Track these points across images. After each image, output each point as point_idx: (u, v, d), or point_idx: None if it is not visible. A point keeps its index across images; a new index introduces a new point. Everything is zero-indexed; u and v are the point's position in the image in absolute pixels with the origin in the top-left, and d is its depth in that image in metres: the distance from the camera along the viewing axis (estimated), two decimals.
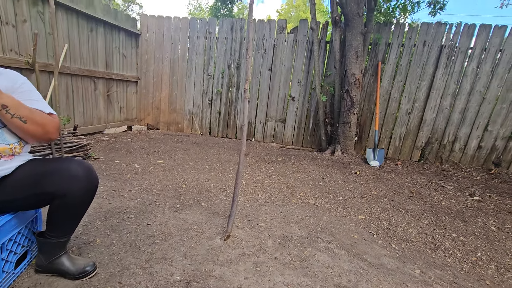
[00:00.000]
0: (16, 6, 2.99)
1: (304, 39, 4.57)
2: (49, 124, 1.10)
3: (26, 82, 1.16)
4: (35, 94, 1.16)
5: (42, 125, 1.08)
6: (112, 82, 4.71)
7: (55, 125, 1.13)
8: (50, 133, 1.11)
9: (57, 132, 1.15)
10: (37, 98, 1.16)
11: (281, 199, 2.52)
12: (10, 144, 1.08)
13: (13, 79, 1.11)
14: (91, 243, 1.52)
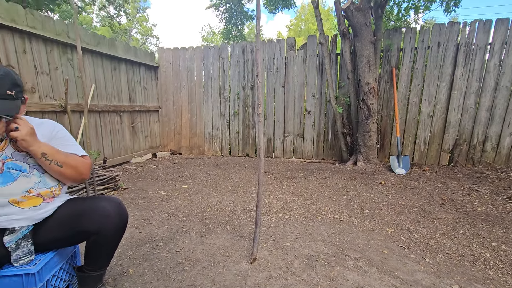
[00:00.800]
0: (49, 56, 3.33)
1: (314, 54, 4.65)
2: (82, 166, 1.22)
3: (61, 129, 1.30)
4: (69, 139, 1.30)
5: (76, 167, 1.20)
6: (136, 113, 5.01)
7: (87, 166, 1.25)
8: (83, 174, 1.23)
9: (89, 172, 1.26)
10: (71, 142, 1.29)
11: (305, 216, 2.50)
12: (51, 188, 1.20)
13: (51, 128, 1.26)
14: (125, 273, 1.60)
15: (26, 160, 1.13)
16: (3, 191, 1.07)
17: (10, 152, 1.11)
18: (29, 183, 1.13)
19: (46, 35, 3.20)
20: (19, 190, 1.10)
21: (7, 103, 1.02)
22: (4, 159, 1.09)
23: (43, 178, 1.17)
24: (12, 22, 2.84)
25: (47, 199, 1.18)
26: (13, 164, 1.10)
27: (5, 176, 1.08)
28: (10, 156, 1.10)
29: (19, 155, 1.12)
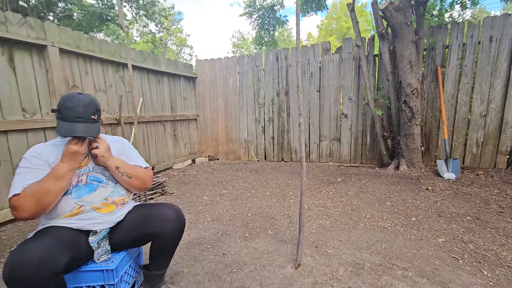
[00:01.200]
0: (105, 75, 3.72)
1: (350, 56, 4.58)
2: (146, 177, 1.43)
3: (128, 144, 1.51)
4: (134, 153, 1.51)
5: (142, 179, 1.40)
6: (177, 122, 5.33)
7: (150, 177, 1.45)
8: (147, 184, 1.43)
9: (151, 181, 1.44)
10: (136, 156, 1.50)
11: (346, 223, 2.48)
12: (122, 196, 1.39)
13: (121, 143, 1.47)
14: (180, 273, 1.75)
15: (103, 173, 1.34)
16: (88, 199, 1.26)
17: (92, 166, 1.32)
18: (106, 192, 1.32)
19: (103, 57, 3.58)
20: (99, 198, 1.29)
21: (92, 126, 1.22)
22: (88, 172, 1.30)
23: (116, 188, 1.36)
24: (77, 48, 3.24)
25: (119, 205, 1.36)
26: (94, 176, 1.31)
27: (88, 186, 1.28)
28: (92, 170, 1.31)
29: (98, 169, 1.33)
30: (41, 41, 2.85)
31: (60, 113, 1.19)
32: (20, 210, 1.08)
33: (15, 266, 0.94)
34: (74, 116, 1.17)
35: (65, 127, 1.17)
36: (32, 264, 0.95)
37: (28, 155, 1.21)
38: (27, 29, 2.76)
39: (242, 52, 27.08)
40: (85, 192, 1.26)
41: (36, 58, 2.87)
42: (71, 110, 1.17)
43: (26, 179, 1.13)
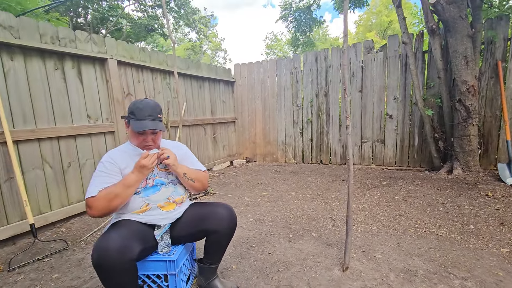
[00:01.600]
0: (154, 82, 4.02)
1: (395, 54, 4.37)
2: (205, 180, 1.59)
3: (186, 149, 1.68)
4: (193, 157, 1.67)
5: (202, 181, 1.56)
6: (216, 125, 5.55)
7: (207, 179, 1.60)
8: (205, 185, 1.59)
9: (208, 183, 1.57)
10: (195, 160, 1.66)
11: (395, 228, 2.38)
12: (181, 196, 1.54)
13: (182, 149, 1.64)
14: (229, 268, 1.84)
15: (166, 177, 1.51)
16: (154, 198, 1.43)
17: (157, 172, 1.49)
18: (168, 192, 1.48)
19: (152, 66, 3.89)
20: (163, 197, 1.45)
21: (159, 123, 1.43)
22: (154, 177, 1.47)
23: (176, 189, 1.52)
24: (131, 59, 3.57)
25: (178, 204, 1.51)
26: (159, 180, 1.48)
27: (154, 188, 1.45)
28: (157, 174, 1.49)
29: (161, 174, 1.50)
30: (102, 54, 3.19)
31: (133, 114, 1.39)
32: (93, 209, 1.25)
33: (101, 253, 1.10)
34: (145, 115, 1.37)
35: (139, 124, 1.36)
36: (114, 251, 1.10)
37: (104, 160, 1.40)
38: (91, 44, 3.11)
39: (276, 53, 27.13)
40: (151, 192, 1.43)
41: (98, 70, 3.22)
42: (142, 110, 1.38)
43: (101, 183, 1.31)
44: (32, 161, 2.60)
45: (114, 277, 1.13)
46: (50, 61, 2.75)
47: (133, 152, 1.45)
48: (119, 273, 1.12)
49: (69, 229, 2.73)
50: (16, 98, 2.49)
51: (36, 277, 1.89)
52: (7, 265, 2.06)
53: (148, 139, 1.41)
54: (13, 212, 2.46)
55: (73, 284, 1.77)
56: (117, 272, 1.12)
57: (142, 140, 1.41)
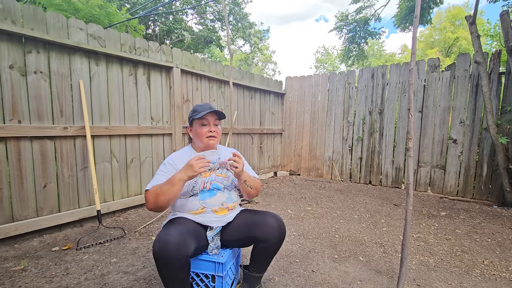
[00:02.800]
0: (210, 91, 4.27)
1: (465, 74, 4.00)
2: (260, 187, 1.63)
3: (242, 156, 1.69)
4: (248, 165, 1.71)
5: (257, 189, 1.61)
6: (264, 136, 5.63)
7: (260, 186, 1.61)
8: (258, 192, 1.62)
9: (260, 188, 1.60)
10: (250, 168, 1.72)
11: (456, 265, 2.12)
12: (234, 202, 1.60)
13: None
14: (271, 280, 1.82)
15: (222, 182, 1.57)
16: (209, 202, 1.51)
17: (214, 177, 1.56)
18: (222, 198, 1.55)
19: (210, 75, 4.14)
20: (218, 202, 1.53)
21: (220, 112, 1.56)
22: (211, 181, 1.54)
23: (230, 195, 1.59)
24: (192, 68, 3.85)
25: (230, 209, 1.57)
26: (215, 184, 1.55)
27: (210, 192, 1.53)
28: (214, 179, 1.56)
29: (218, 179, 1.57)
30: (169, 63, 3.51)
31: (195, 111, 1.55)
32: (147, 203, 1.38)
33: (162, 245, 1.18)
34: (205, 108, 1.54)
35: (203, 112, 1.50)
36: (173, 246, 1.18)
37: (167, 161, 1.54)
38: (161, 54, 3.45)
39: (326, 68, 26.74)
40: (207, 196, 1.51)
41: (164, 77, 3.54)
42: (202, 106, 1.56)
43: (158, 180, 1.43)
44: (103, 155, 2.93)
45: (170, 269, 1.20)
46: (126, 67, 3.11)
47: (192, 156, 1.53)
48: (175, 266, 1.20)
49: (126, 219, 3.00)
50: (97, 98, 2.86)
51: (98, 259, 2.10)
52: (75, 244, 2.33)
53: (212, 128, 1.53)
54: (84, 198, 2.79)
55: (128, 270, 1.93)
56: (174, 265, 1.19)
57: (206, 131, 1.52)
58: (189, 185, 1.47)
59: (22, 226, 2.33)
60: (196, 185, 1.49)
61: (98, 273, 1.88)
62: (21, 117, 2.33)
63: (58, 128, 2.53)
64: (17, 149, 2.32)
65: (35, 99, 2.41)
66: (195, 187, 1.48)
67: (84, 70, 2.74)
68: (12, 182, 2.31)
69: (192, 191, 1.48)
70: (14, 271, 1.88)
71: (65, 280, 1.79)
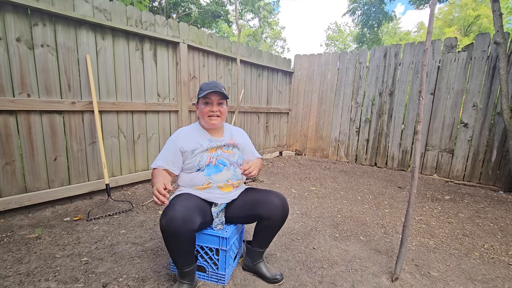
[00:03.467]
0: (217, 68, 4.20)
1: (482, 55, 3.81)
2: (262, 167, 1.67)
3: (247, 137, 1.82)
4: (251, 145, 1.79)
5: (261, 169, 1.65)
6: (270, 115, 5.59)
7: (263, 165, 1.63)
8: (261, 171, 1.60)
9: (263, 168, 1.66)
10: (252, 148, 1.79)
11: (456, 248, 2.16)
12: (239, 180, 1.63)
13: (244, 136, 1.79)
14: (273, 255, 1.89)
15: (228, 158, 1.60)
16: (215, 178, 1.53)
17: (220, 152, 1.60)
18: (228, 174, 1.57)
19: (217, 52, 4.05)
20: (223, 179, 1.55)
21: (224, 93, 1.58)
22: (217, 156, 1.57)
23: (235, 172, 1.61)
24: (199, 44, 3.77)
25: (235, 187, 1.60)
26: (221, 160, 1.58)
27: (216, 167, 1.55)
28: (220, 155, 1.59)
29: (224, 155, 1.60)
30: (176, 38, 3.43)
31: (200, 90, 1.59)
32: None
33: (169, 220, 1.23)
34: (211, 86, 1.56)
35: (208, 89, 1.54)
36: (179, 220, 1.22)
37: (171, 137, 1.61)
38: (167, 29, 3.37)
39: (337, 45, 25.79)
40: (213, 172, 1.53)
41: (171, 52, 3.48)
42: (208, 84, 1.58)
43: (165, 157, 1.54)
44: (111, 130, 2.97)
45: (176, 242, 1.26)
46: (133, 42, 3.06)
47: (200, 133, 1.63)
48: (181, 240, 1.25)
49: (133, 193, 3.09)
50: (104, 73, 2.84)
51: (107, 230, 2.20)
52: (86, 215, 2.43)
53: (215, 108, 1.56)
54: (93, 172, 2.86)
55: (136, 241, 2.02)
56: (180, 238, 1.24)
57: (209, 110, 1.56)
58: (195, 161, 1.51)
59: (35, 196, 2.43)
60: (202, 160, 1.52)
61: (108, 243, 1.98)
62: (30, 91, 2.35)
63: (66, 103, 2.55)
64: (27, 123, 2.36)
65: (43, 73, 2.41)
66: (201, 161, 1.52)
67: (90, 44, 2.71)
68: (23, 154, 2.38)
69: (198, 165, 1.52)
70: (29, 238, 1.99)
71: (77, 248, 1.89)
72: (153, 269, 1.66)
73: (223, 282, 1.52)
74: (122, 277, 1.57)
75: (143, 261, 1.75)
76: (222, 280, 1.52)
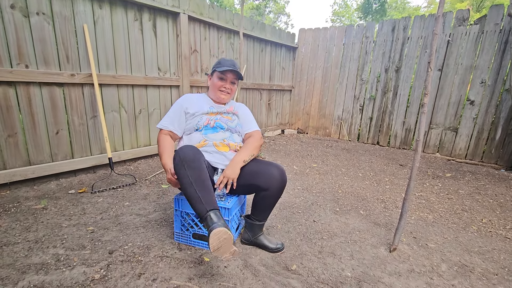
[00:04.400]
0: (219, 41, 4.07)
1: (495, 29, 3.66)
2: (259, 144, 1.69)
3: (248, 110, 1.85)
4: (250, 116, 1.81)
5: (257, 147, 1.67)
6: (272, 92, 5.50)
7: (260, 140, 1.72)
8: (260, 145, 1.71)
9: (262, 141, 1.73)
10: (251, 119, 1.81)
11: (454, 222, 2.19)
12: (235, 142, 1.69)
13: (244, 108, 1.86)
14: (274, 227, 1.93)
15: (226, 123, 1.68)
16: (211, 136, 1.62)
17: (219, 117, 1.67)
18: (224, 135, 1.65)
19: (219, 24, 3.90)
20: (218, 138, 1.63)
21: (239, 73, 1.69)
22: (216, 119, 1.66)
23: (232, 136, 1.69)
24: (200, 15, 3.62)
25: (232, 149, 1.64)
26: (219, 123, 1.66)
27: (213, 129, 1.65)
28: (219, 119, 1.67)
29: (223, 119, 1.68)
30: (175, 8, 3.29)
31: (219, 64, 1.70)
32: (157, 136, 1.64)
33: (182, 153, 1.35)
34: (229, 64, 1.68)
35: (224, 67, 1.64)
36: (191, 153, 1.37)
37: (179, 100, 1.72)
38: None
39: (343, 21, 24.84)
40: (210, 132, 1.65)
41: (171, 24, 3.36)
42: (229, 61, 1.70)
43: (171, 117, 1.67)
44: (111, 104, 2.94)
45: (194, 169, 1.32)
46: (131, 11, 2.94)
47: (205, 100, 1.76)
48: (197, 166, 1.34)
49: (136, 168, 3.12)
50: (102, 44, 2.76)
51: (112, 202, 2.24)
52: (90, 188, 2.47)
53: (228, 85, 1.69)
54: (95, 146, 2.87)
55: (140, 213, 2.06)
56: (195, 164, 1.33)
57: (221, 85, 1.68)
58: (194, 121, 1.64)
59: (39, 169, 2.46)
60: (201, 121, 1.64)
61: (113, 214, 2.02)
62: (28, 62, 2.30)
63: (66, 75, 2.50)
64: (27, 95, 2.33)
65: (40, 43, 2.34)
66: (200, 122, 1.64)
67: (87, 13, 2.61)
68: (25, 127, 2.37)
69: (197, 125, 1.63)
70: (35, 209, 2.03)
71: (82, 218, 1.93)
72: (157, 238, 1.71)
73: None
74: (127, 245, 1.62)
75: (148, 231, 1.79)
76: None
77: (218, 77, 1.68)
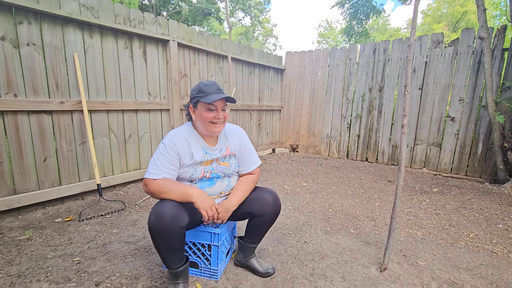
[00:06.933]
0: (208, 66, 4.19)
1: (468, 50, 3.91)
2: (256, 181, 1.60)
3: (246, 136, 1.67)
4: (251, 147, 1.67)
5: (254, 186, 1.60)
6: (262, 112, 5.61)
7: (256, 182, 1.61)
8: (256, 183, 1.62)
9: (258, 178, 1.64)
10: (252, 149, 1.66)
11: (443, 238, 2.22)
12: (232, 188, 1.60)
13: (240, 136, 1.64)
14: (265, 250, 1.92)
15: (223, 171, 1.55)
16: (208, 191, 1.49)
17: (215, 165, 1.52)
18: (222, 186, 1.55)
19: (208, 49, 4.04)
20: (216, 191, 1.54)
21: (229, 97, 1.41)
22: (212, 170, 1.51)
23: (229, 182, 1.58)
24: (190, 41, 3.75)
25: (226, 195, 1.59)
26: (216, 174, 1.52)
27: (210, 181, 1.51)
28: (215, 168, 1.52)
29: (219, 168, 1.53)
30: (165, 36, 3.41)
31: (201, 92, 1.38)
32: (148, 188, 1.34)
33: (158, 216, 1.23)
34: (213, 89, 1.39)
35: (211, 97, 1.35)
36: (168, 217, 1.23)
37: (167, 143, 1.40)
38: (156, 26, 3.34)
39: (329, 42, 25.92)
40: (206, 185, 1.50)
41: (161, 51, 3.46)
42: (211, 86, 1.40)
43: (161, 166, 1.36)
44: (101, 129, 2.95)
45: (165, 238, 1.25)
46: (121, 40, 3.03)
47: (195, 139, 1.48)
48: (170, 236, 1.25)
49: (126, 193, 3.08)
50: (92, 72, 2.81)
51: (99, 229, 2.19)
52: (77, 215, 2.42)
53: (220, 115, 1.40)
54: (84, 172, 2.84)
55: (129, 240, 2.02)
56: (168, 234, 1.24)
57: (213, 117, 1.38)
58: (187, 173, 1.44)
59: (25, 198, 2.40)
60: (195, 173, 1.45)
61: (100, 243, 1.98)
62: (17, 91, 2.31)
63: (55, 103, 2.52)
64: (15, 123, 2.33)
65: (29, 72, 2.38)
66: (194, 175, 1.45)
67: (78, 42, 2.68)
68: (12, 156, 2.34)
69: (191, 178, 1.45)
70: (20, 240, 1.97)
71: (69, 248, 1.88)
72: (146, 267, 1.67)
73: (215, 277, 1.54)
74: (115, 275, 1.58)
75: (136, 259, 1.75)
76: (215, 275, 1.54)
77: (207, 109, 1.38)
